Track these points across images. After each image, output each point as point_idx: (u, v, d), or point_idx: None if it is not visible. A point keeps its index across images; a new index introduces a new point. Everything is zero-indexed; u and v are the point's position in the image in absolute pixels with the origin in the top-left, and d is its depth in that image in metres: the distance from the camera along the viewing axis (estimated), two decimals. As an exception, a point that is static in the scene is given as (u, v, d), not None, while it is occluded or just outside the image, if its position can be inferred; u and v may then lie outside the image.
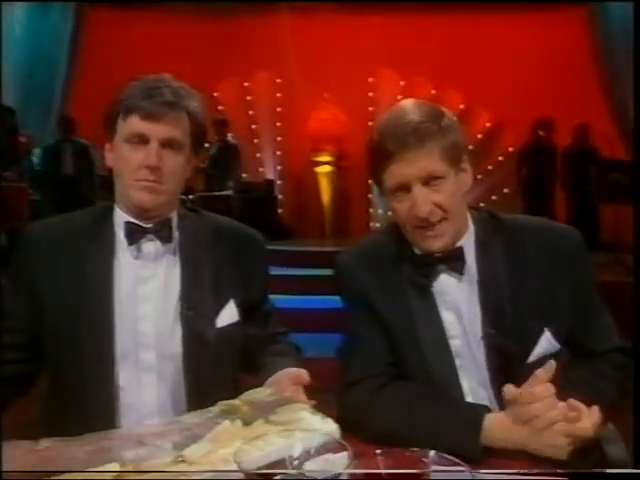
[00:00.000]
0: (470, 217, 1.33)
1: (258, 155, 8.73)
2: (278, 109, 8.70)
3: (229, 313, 1.36)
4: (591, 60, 7.85)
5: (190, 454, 0.88)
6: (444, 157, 1.21)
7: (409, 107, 1.24)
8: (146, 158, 1.26)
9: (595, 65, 7.85)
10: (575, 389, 1.16)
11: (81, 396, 1.24)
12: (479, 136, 8.42)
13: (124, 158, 1.28)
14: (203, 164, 7.34)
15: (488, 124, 8.51)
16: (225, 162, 7.27)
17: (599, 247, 5.99)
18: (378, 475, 0.73)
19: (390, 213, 1.35)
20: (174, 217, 1.37)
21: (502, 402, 1.21)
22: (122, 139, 1.28)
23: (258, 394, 1.11)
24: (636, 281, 1.50)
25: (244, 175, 8.00)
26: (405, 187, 1.21)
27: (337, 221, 8.30)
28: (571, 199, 7.16)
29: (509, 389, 1.09)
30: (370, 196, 8.52)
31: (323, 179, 8.47)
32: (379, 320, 1.31)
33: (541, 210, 6.60)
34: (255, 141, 8.70)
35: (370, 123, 8.53)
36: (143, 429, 1.00)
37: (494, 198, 8.22)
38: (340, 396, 1.29)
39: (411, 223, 1.24)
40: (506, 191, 8.27)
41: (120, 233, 1.32)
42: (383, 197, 1.29)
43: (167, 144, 1.28)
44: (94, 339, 1.25)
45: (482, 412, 1.14)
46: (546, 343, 1.25)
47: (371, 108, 8.42)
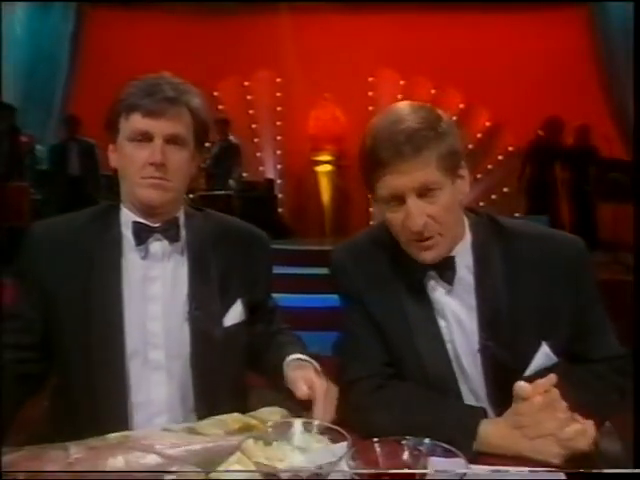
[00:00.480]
0: (467, 222, 1.28)
1: (258, 154, 8.74)
2: (278, 108, 8.70)
3: (236, 312, 1.36)
4: (590, 60, 7.87)
5: (218, 475, 0.91)
6: (441, 166, 1.14)
7: (405, 111, 1.18)
8: (151, 155, 1.25)
9: (594, 65, 7.86)
10: (574, 390, 1.14)
11: (91, 395, 1.25)
12: (479, 135, 8.44)
13: (129, 157, 1.28)
14: (204, 163, 7.36)
15: (488, 123, 8.52)
16: (227, 161, 7.28)
17: (598, 246, 6.01)
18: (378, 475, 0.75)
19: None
20: (181, 216, 1.37)
21: (498, 410, 1.19)
22: (125, 138, 1.28)
23: (273, 415, 1.13)
24: (636, 280, 1.50)
25: (244, 174, 8.01)
26: (399, 198, 1.16)
27: (337, 220, 8.30)
28: (570, 198, 7.17)
29: (521, 385, 1.06)
30: (370, 195, 8.53)
31: (323, 178, 8.48)
32: (374, 320, 1.29)
33: (543, 209, 6.60)
34: (255, 140, 8.70)
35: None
36: (163, 438, 1.01)
37: (494, 197, 8.23)
38: (340, 394, 1.26)
39: (405, 235, 1.19)
40: (506, 190, 8.27)
41: (127, 233, 1.32)
42: (375, 205, 1.24)
43: (171, 140, 1.27)
44: (103, 339, 1.26)
45: (478, 417, 1.11)
46: (543, 357, 1.21)
47: (371, 107, 8.40)
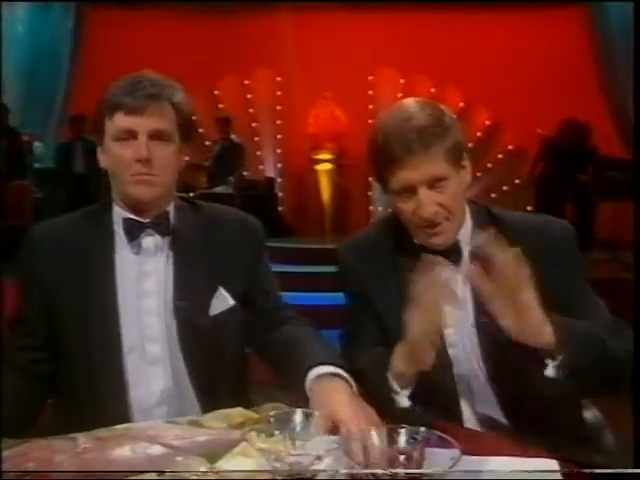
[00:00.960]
0: (468, 210, 1.37)
1: (258, 153, 8.74)
2: (278, 107, 8.71)
3: (220, 300, 1.37)
4: (590, 59, 7.87)
5: (221, 466, 0.94)
6: (447, 159, 1.24)
7: (412, 109, 1.26)
8: (136, 152, 1.27)
9: (594, 64, 7.87)
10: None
11: (92, 390, 1.28)
12: (479, 134, 8.44)
13: (116, 156, 1.30)
14: (206, 162, 7.38)
15: (488, 122, 8.52)
16: (228, 160, 7.30)
17: (597, 244, 6.03)
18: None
19: (390, 210, 1.39)
20: (171, 210, 1.38)
21: (494, 387, 1.26)
22: (111, 138, 1.30)
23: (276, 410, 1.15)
24: (636, 279, 1.52)
25: (245, 173, 8.03)
26: (410, 189, 1.24)
27: (337, 218, 8.32)
28: (570, 196, 7.18)
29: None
30: (370, 194, 8.55)
31: (323, 177, 8.49)
32: (375, 309, 1.36)
33: (543, 208, 6.60)
34: (255, 139, 8.70)
35: (370, 121, 8.56)
36: (167, 430, 1.03)
37: (493, 196, 8.24)
38: None
39: (415, 222, 1.27)
40: (505, 189, 8.30)
41: (119, 230, 1.34)
42: (387, 196, 1.32)
43: (155, 136, 1.29)
44: (101, 335, 1.28)
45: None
46: None
47: (371, 106, 8.44)
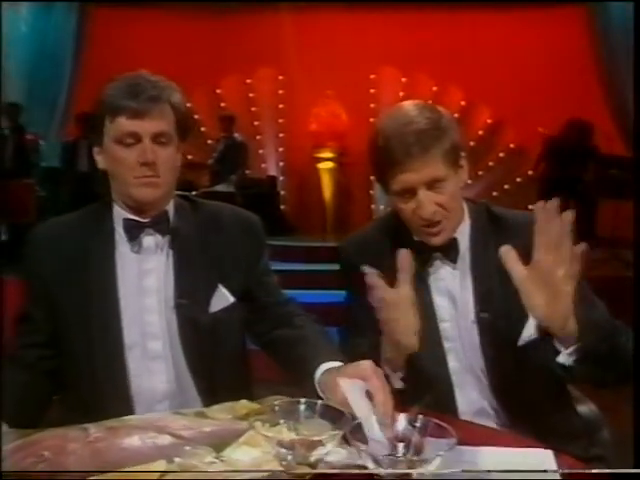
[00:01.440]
0: (466, 209, 1.42)
1: (260, 151, 8.76)
2: (280, 106, 8.73)
3: (220, 297, 1.39)
4: (591, 57, 7.87)
5: (227, 455, 0.97)
6: (446, 160, 1.28)
7: (412, 113, 1.30)
8: (141, 155, 1.29)
9: (595, 62, 7.87)
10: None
11: (95, 386, 1.31)
12: (480, 132, 8.46)
13: (119, 159, 1.31)
14: (209, 160, 7.39)
15: (489, 121, 8.53)
16: (232, 159, 7.32)
17: (598, 243, 6.05)
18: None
19: (390, 208, 1.44)
20: (170, 209, 1.40)
21: (493, 381, 1.29)
22: (112, 141, 1.31)
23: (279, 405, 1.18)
24: (636, 277, 1.54)
25: (247, 171, 8.05)
26: (410, 190, 1.29)
27: (339, 217, 8.33)
28: (571, 195, 7.19)
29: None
30: (372, 192, 8.56)
31: (325, 175, 8.50)
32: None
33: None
34: (257, 137, 8.72)
35: (372, 119, 8.57)
36: (175, 420, 1.06)
37: (495, 194, 8.26)
38: None
39: (415, 222, 1.32)
40: (507, 187, 8.31)
41: (119, 230, 1.37)
42: (387, 196, 1.36)
43: (157, 138, 1.30)
44: (103, 332, 1.31)
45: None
46: (532, 328, 1.28)
47: (373, 105, 8.46)
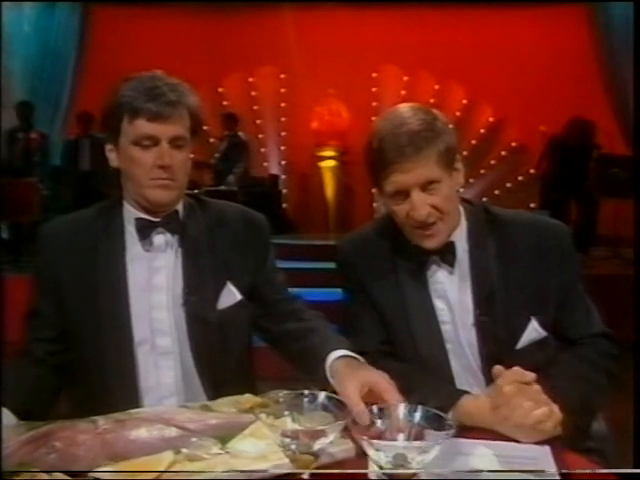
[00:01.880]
0: (463, 212, 1.41)
1: (262, 150, 8.79)
2: (282, 104, 8.76)
3: (228, 295, 1.41)
4: (593, 56, 7.88)
5: (233, 446, 0.99)
6: (440, 162, 1.28)
7: (405, 114, 1.30)
8: (158, 158, 1.31)
9: (596, 61, 7.87)
10: (562, 375, 1.25)
11: (104, 381, 1.33)
12: (482, 131, 8.49)
13: (136, 160, 1.32)
14: (212, 159, 7.41)
15: (491, 119, 8.56)
16: (234, 157, 7.34)
17: (599, 241, 6.06)
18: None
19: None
20: (180, 208, 1.43)
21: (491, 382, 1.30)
22: (130, 142, 1.32)
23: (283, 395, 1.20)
24: (636, 275, 1.55)
25: (249, 170, 8.07)
26: (404, 192, 1.29)
27: (341, 215, 8.36)
28: (572, 193, 7.19)
29: (498, 369, 1.17)
30: (373, 190, 8.52)
31: (327, 174, 8.53)
32: (373, 304, 1.42)
33: (545, 204, 6.62)
34: (260, 136, 8.75)
35: (374, 118, 8.54)
36: (181, 413, 1.09)
37: (497, 193, 8.28)
38: None
39: (409, 224, 1.32)
40: (509, 185, 8.33)
41: (130, 228, 1.39)
42: (381, 198, 1.36)
43: (174, 142, 1.33)
44: (112, 328, 1.33)
45: (461, 393, 1.22)
46: (533, 331, 1.33)
47: (375, 103, 8.47)
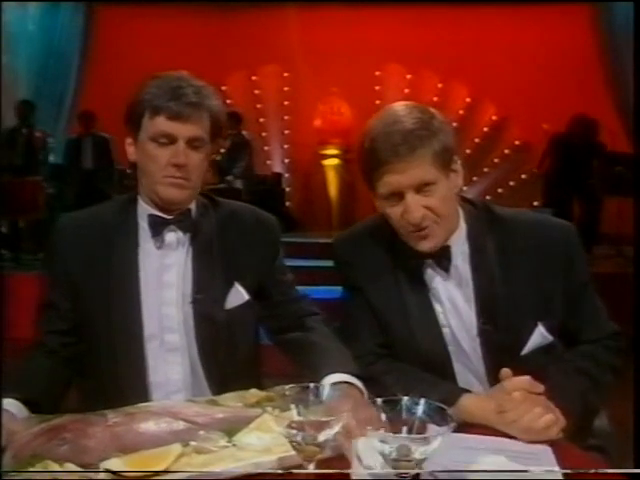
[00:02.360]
0: (463, 214, 1.36)
1: (266, 148, 8.81)
2: (286, 102, 8.76)
3: (236, 295, 1.43)
4: (596, 54, 7.87)
5: (239, 439, 1.01)
6: (435, 163, 1.22)
7: (399, 113, 1.26)
8: (174, 156, 1.33)
9: (600, 59, 7.86)
10: (569, 376, 1.25)
11: (114, 375, 1.35)
12: (485, 129, 8.49)
13: (152, 156, 1.35)
14: (216, 157, 7.43)
15: (494, 117, 8.54)
16: (238, 155, 7.36)
17: (602, 239, 6.07)
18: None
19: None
20: (193, 207, 1.44)
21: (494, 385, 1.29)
22: (148, 138, 1.34)
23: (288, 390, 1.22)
24: (636, 273, 1.56)
25: (252, 168, 8.08)
26: (398, 194, 1.25)
27: (344, 213, 8.35)
28: (576, 192, 7.20)
29: (506, 372, 1.18)
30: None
31: (330, 172, 8.54)
32: (372, 306, 1.39)
33: (548, 203, 6.63)
34: (263, 134, 8.77)
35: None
36: (188, 407, 1.11)
37: (500, 191, 8.28)
38: None
39: (404, 227, 1.27)
40: (512, 184, 8.33)
41: (144, 224, 1.40)
42: (375, 201, 1.31)
43: (192, 142, 1.35)
44: (123, 323, 1.35)
45: (461, 391, 1.23)
46: (539, 337, 1.30)
47: (378, 102, 8.44)
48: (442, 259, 1.32)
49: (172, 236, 1.41)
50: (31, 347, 1.38)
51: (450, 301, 1.34)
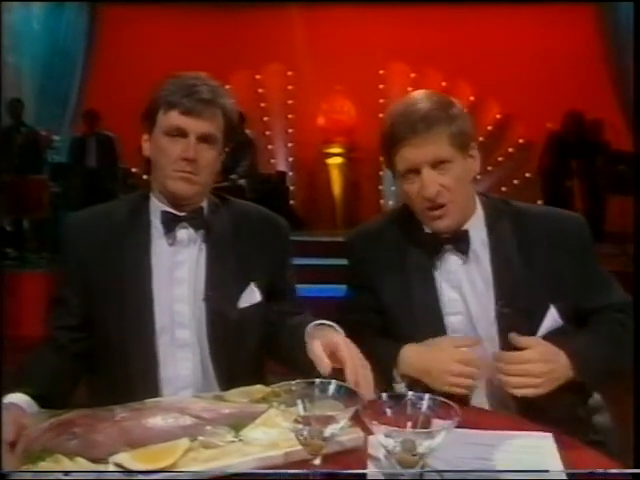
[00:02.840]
0: (480, 202, 1.43)
1: (270, 147, 8.83)
2: (289, 101, 8.78)
3: (250, 295, 1.45)
4: (600, 53, 7.86)
5: (245, 434, 1.03)
6: (452, 143, 1.30)
7: (420, 96, 1.36)
8: (184, 151, 1.36)
9: (604, 58, 7.86)
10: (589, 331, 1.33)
11: (125, 371, 1.37)
12: (489, 128, 8.48)
13: (163, 150, 1.38)
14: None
15: (498, 116, 8.56)
16: (242, 155, 7.38)
17: (606, 238, 6.06)
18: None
19: (400, 203, 1.47)
20: (205, 205, 1.47)
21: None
22: (162, 132, 1.38)
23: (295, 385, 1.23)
24: (636, 271, 1.57)
25: (256, 167, 8.10)
26: (415, 170, 1.32)
27: (348, 212, 8.38)
28: (580, 190, 7.20)
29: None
30: (380, 187, 8.61)
31: (334, 171, 8.56)
32: (380, 302, 1.45)
33: (552, 201, 6.63)
34: (267, 133, 8.79)
35: (381, 115, 8.57)
36: (195, 403, 1.12)
37: (504, 189, 8.28)
38: None
39: (420, 204, 1.34)
40: (516, 182, 8.33)
41: (156, 221, 1.43)
42: (395, 180, 1.39)
43: (203, 138, 1.37)
44: (135, 319, 1.37)
45: (400, 345, 1.33)
46: (551, 320, 1.34)
47: (382, 100, 8.47)
48: (461, 243, 1.37)
49: (184, 233, 1.43)
50: (40, 343, 1.40)
51: (470, 284, 1.38)
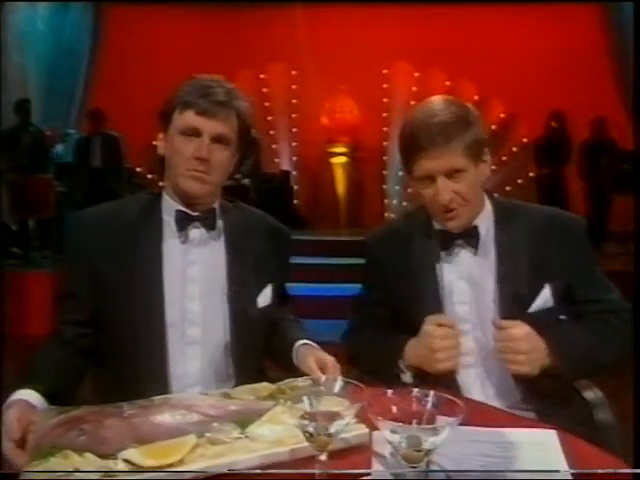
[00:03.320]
0: (488, 200, 1.52)
1: (274, 146, 8.86)
2: (293, 101, 8.81)
3: (266, 295, 1.51)
4: (604, 52, 7.85)
5: (252, 431, 1.04)
6: (467, 154, 1.38)
7: (438, 106, 1.41)
8: (197, 150, 1.38)
9: (608, 57, 7.85)
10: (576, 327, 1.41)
11: (134, 367, 1.38)
12: (493, 127, 8.46)
13: (177, 148, 1.40)
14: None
15: (502, 115, 8.55)
16: (245, 153, 7.39)
17: (610, 237, 6.06)
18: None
19: (404, 203, 1.52)
20: (217, 207, 1.50)
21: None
22: (177, 131, 1.41)
23: (300, 382, 1.25)
24: (636, 271, 1.60)
25: (260, 166, 8.12)
26: (431, 177, 1.39)
27: (351, 211, 8.40)
28: (584, 190, 7.20)
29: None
30: (384, 187, 8.62)
31: (338, 170, 8.58)
32: (393, 301, 1.53)
33: (556, 201, 6.65)
34: (271, 132, 8.81)
35: (384, 114, 8.63)
36: (202, 400, 1.14)
37: (508, 189, 8.27)
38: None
39: (434, 207, 1.43)
40: (520, 182, 8.32)
41: (169, 220, 1.45)
42: (410, 181, 1.48)
43: (217, 139, 1.40)
44: (146, 315, 1.38)
45: (405, 341, 1.42)
46: (545, 299, 1.42)
47: (385, 99, 8.51)
48: (471, 238, 1.47)
49: (196, 233, 1.45)
50: (47, 337, 1.41)
51: (474, 275, 1.47)
